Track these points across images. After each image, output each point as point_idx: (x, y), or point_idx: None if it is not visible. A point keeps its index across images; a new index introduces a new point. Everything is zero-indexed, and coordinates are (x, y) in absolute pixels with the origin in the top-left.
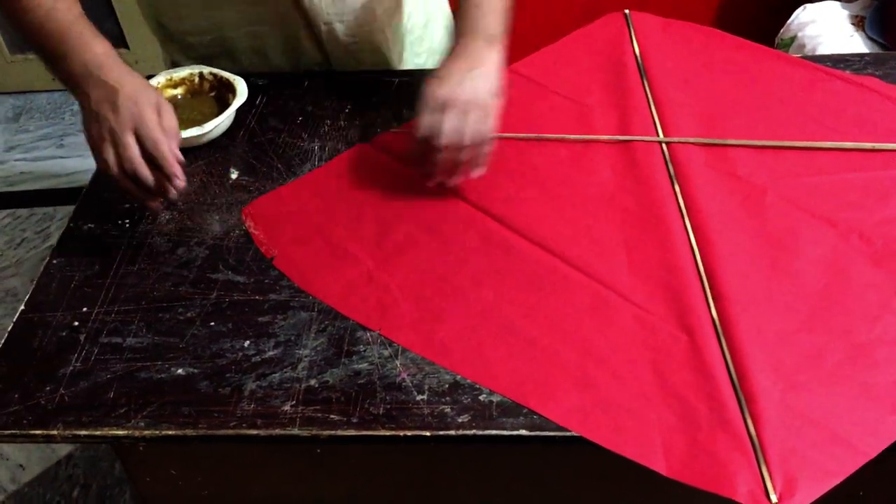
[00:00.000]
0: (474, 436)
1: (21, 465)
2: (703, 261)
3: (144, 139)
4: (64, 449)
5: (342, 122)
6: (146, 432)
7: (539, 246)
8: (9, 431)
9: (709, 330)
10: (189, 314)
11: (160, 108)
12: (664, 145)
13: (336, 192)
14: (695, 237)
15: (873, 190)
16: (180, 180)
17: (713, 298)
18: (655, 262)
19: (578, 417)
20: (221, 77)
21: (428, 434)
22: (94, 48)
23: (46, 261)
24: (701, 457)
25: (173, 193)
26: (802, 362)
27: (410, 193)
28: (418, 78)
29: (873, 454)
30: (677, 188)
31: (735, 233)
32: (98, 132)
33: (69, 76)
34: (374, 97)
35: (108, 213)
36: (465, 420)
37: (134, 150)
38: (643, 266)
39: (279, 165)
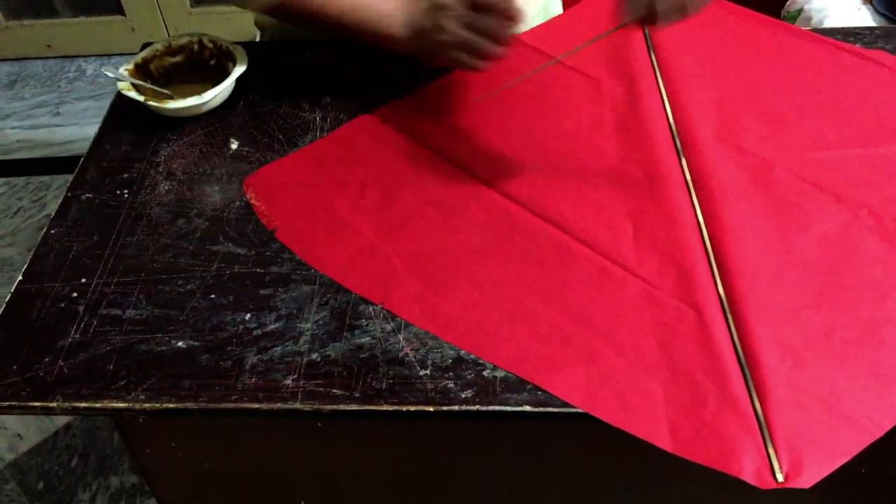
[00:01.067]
0: (477, 411)
1: (19, 435)
2: (710, 235)
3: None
4: (62, 418)
5: (344, 93)
6: (146, 405)
7: (544, 219)
8: (7, 403)
9: (716, 306)
10: (189, 286)
11: None
12: (671, 117)
13: (338, 163)
14: (702, 211)
15: (881, 166)
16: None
17: (720, 273)
18: (662, 235)
19: (583, 393)
20: (222, 45)
21: (431, 409)
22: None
23: (44, 231)
24: (707, 434)
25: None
26: (810, 340)
27: (413, 165)
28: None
29: (880, 433)
30: (684, 162)
31: (742, 207)
32: (448, 30)
33: (375, 36)
34: (377, 68)
35: (107, 182)
36: (469, 395)
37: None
38: (649, 240)
39: (280, 136)
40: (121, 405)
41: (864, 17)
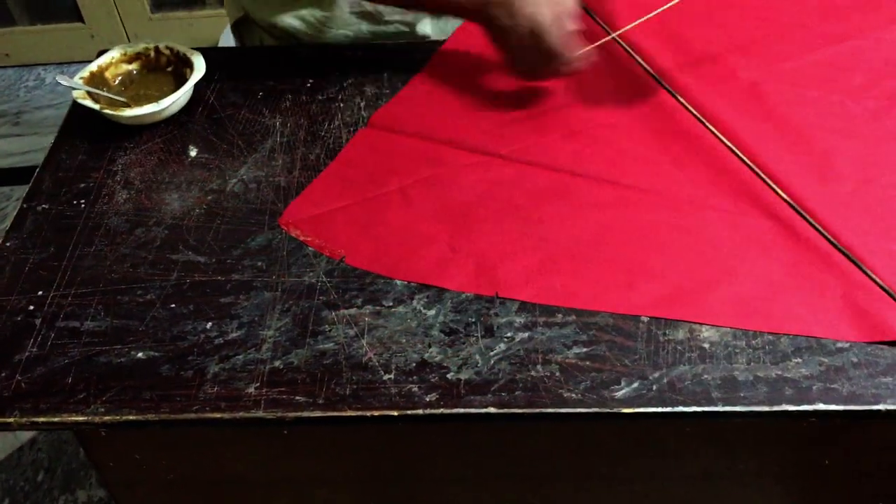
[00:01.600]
0: (442, 414)
1: None
2: (743, 153)
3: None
4: (27, 434)
5: (303, 97)
6: (106, 418)
7: (589, 178)
8: None
9: (788, 211)
10: (149, 296)
11: None
12: (639, 59)
13: (367, 180)
14: (727, 139)
15: (842, 62)
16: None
17: (775, 182)
18: (705, 166)
19: (731, 314)
20: (179, 52)
21: (395, 414)
22: None
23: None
24: (852, 315)
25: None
26: (878, 211)
27: (438, 162)
28: (381, 52)
29: None
30: (682, 100)
31: (752, 125)
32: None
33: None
34: (335, 71)
35: (64, 192)
36: (433, 399)
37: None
38: (697, 173)
39: (239, 142)
40: (80, 419)
41: None
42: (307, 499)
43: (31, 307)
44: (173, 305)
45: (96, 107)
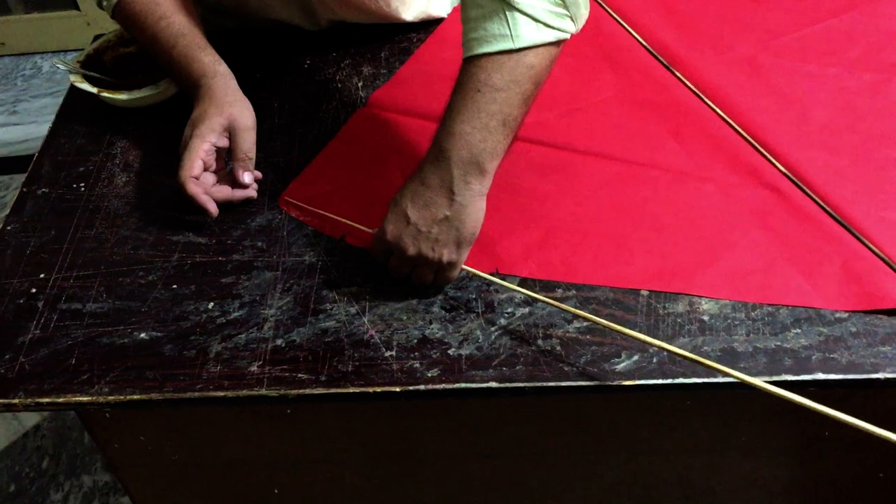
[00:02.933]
0: (444, 390)
1: None
2: (740, 126)
3: (178, 172)
4: (31, 420)
5: (301, 79)
6: (110, 398)
7: (591, 155)
8: None
9: (786, 183)
10: (150, 277)
11: (232, 130)
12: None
13: (369, 160)
14: (724, 112)
15: (835, 36)
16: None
17: (771, 156)
18: (703, 139)
19: (729, 287)
20: None
21: (398, 390)
22: (191, 69)
23: (0, 228)
24: (850, 285)
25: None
26: (876, 182)
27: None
28: (377, 32)
29: None
30: (679, 74)
31: (749, 99)
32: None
33: (185, 88)
34: (332, 52)
35: (63, 176)
36: (435, 374)
37: (185, 166)
38: (695, 147)
39: None
40: (84, 399)
41: None
42: (311, 478)
43: (34, 290)
44: (175, 286)
45: (94, 90)
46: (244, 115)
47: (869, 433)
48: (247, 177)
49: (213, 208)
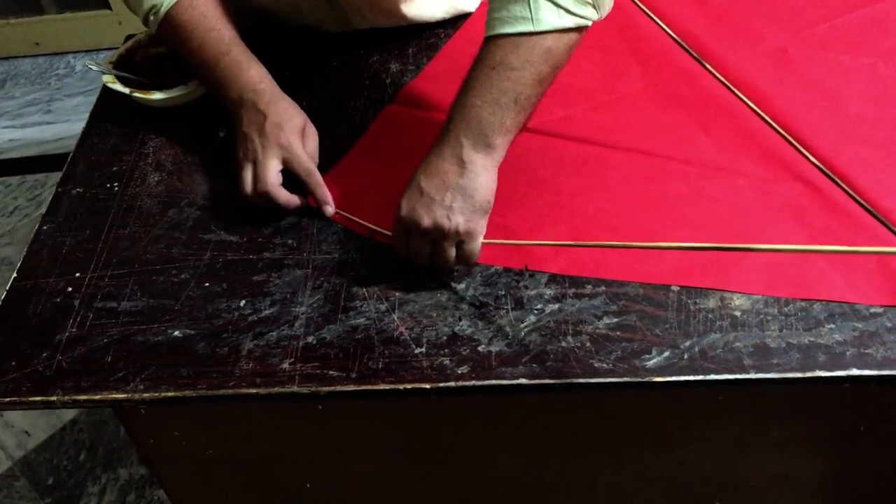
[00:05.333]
0: (474, 387)
1: (26, 432)
2: (772, 119)
3: (296, 166)
4: (68, 414)
5: (329, 76)
6: (146, 395)
7: (620, 150)
8: (8, 399)
9: (819, 176)
10: (183, 276)
11: (306, 132)
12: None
13: (392, 158)
14: (756, 105)
15: (870, 25)
16: (331, 206)
17: (804, 148)
18: (734, 133)
19: (763, 283)
20: None
21: (428, 386)
22: (247, 74)
23: (36, 227)
24: (885, 279)
25: (328, 212)
26: None
27: None
28: (405, 29)
29: None
30: (709, 67)
31: (781, 91)
32: (244, 154)
33: (229, 103)
34: (360, 49)
35: (97, 176)
36: (465, 371)
37: (271, 173)
38: (726, 140)
39: None
40: (120, 396)
41: None
42: (343, 473)
43: (70, 289)
44: (207, 284)
45: (126, 91)
46: (309, 123)
47: None
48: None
49: (296, 200)
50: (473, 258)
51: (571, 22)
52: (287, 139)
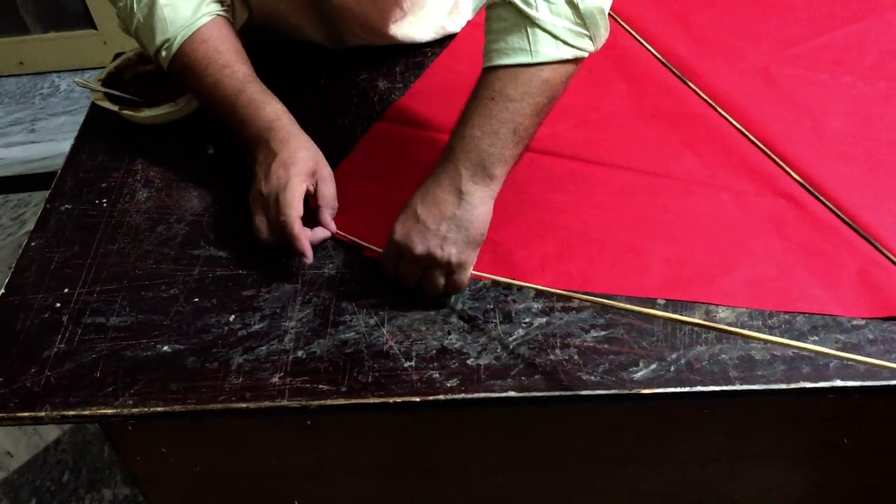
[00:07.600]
0: (463, 400)
1: (9, 453)
2: (754, 136)
3: (279, 212)
4: (52, 434)
5: (318, 93)
6: (134, 410)
7: (606, 166)
8: None
9: (801, 191)
10: (172, 291)
11: (318, 177)
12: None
13: (381, 174)
14: (737, 121)
15: (851, 44)
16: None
17: (786, 164)
18: (717, 149)
19: (748, 295)
20: None
21: (417, 400)
22: (264, 112)
23: (25, 243)
24: (867, 292)
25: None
26: (891, 189)
27: None
28: (393, 47)
29: None
30: (692, 85)
31: (763, 109)
32: (252, 194)
33: (246, 142)
34: (348, 67)
35: (86, 192)
36: (454, 384)
37: (265, 219)
38: (709, 156)
39: None
40: (109, 411)
41: None
42: (332, 488)
43: (58, 304)
44: (196, 299)
45: (115, 108)
46: (324, 160)
47: None
48: (332, 223)
49: (310, 253)
50: (462, 288)
51: (569, 53)
52: (286, 182)
